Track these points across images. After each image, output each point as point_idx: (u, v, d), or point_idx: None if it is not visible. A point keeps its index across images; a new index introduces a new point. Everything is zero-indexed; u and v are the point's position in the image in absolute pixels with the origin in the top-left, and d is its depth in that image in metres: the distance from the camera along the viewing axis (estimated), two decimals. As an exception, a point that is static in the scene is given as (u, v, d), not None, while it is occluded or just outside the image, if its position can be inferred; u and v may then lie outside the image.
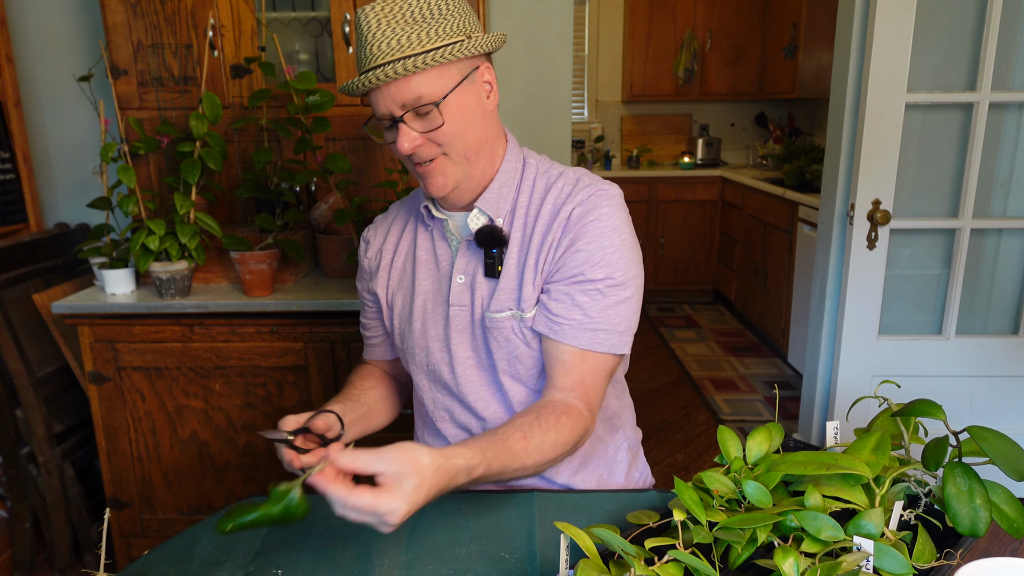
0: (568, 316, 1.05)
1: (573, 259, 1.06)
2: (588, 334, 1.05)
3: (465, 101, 1.04)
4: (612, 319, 1.06)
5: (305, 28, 2.28)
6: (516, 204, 1.12)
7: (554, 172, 1.13)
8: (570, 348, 1.05)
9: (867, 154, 2.18)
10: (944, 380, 2.35)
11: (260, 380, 1.94)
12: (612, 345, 1.06)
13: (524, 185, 1.13)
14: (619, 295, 1.06)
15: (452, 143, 1.04)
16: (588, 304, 1.05)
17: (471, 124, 1.05)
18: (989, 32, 2.09)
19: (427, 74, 0.99)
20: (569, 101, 2.40)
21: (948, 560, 0.76)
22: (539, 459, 0.96)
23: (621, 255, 1.06)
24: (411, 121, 1.02)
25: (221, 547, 0.96)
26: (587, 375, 1.06)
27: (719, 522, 0.76)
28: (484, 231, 1.09)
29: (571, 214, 1.07)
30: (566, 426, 0.99)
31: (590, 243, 1.05)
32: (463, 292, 1.12)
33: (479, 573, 0.89)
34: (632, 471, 1.26)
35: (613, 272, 1.05)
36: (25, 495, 2.15)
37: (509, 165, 1.12)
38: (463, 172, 1.07)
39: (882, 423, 0.92)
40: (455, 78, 1.02)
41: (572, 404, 1.03)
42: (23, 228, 2.35)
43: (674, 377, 3.78)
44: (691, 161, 5.04)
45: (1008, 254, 2.34)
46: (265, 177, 2.03)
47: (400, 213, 1.25)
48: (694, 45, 4.86)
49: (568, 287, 1.06)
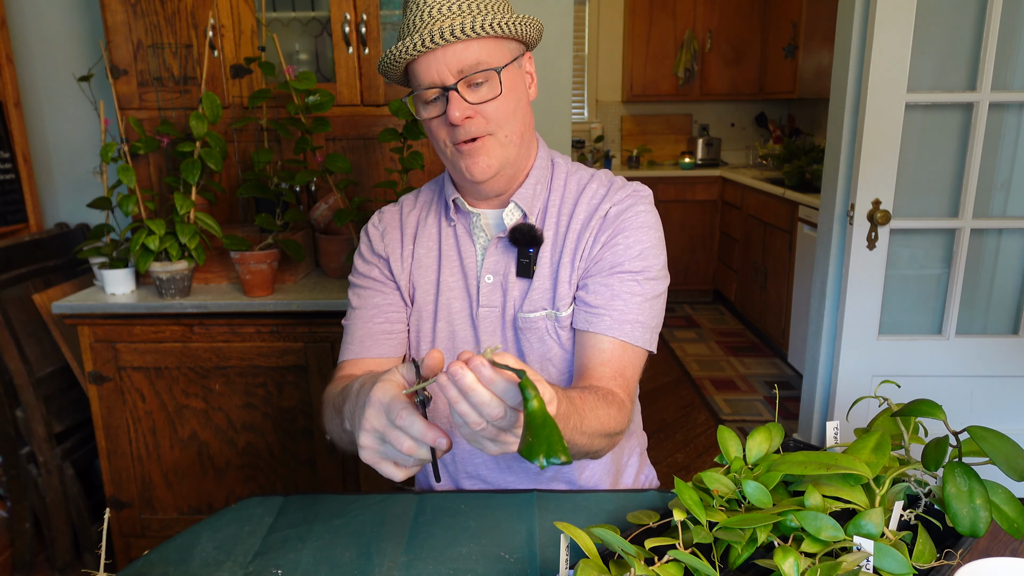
0: (609, 306, 1.04)
1: (611, 252, 1.05)
2: (628, 326, 1.03)
3: (516, 81, 1.03)
4: (648, 312, 1.05)
5: (305, 28, 2.28)
6: (548, 203, 1.11)
7: (584, 173, 1.13)
8: (610, 339, 1.03)
9: (867, 154, 2.18)
10: (944, 380, 2.35)
11: (260, 380, 1.94)
12: (647, 340, 1.05)
13: (555, 184, 1.12)
14: (655, 289, 1.06)
15: (503, 120, 1.01)
16: (628, 295, 1.04)
17: (521, 106, 1.04)
18: (989, 32, 2.09)
19: (486, 41, 0.98)
20: (569, 101, 2.40)
21: (948, 560, 0.76)
22: (594, 424, 0.88)
23: (656, 252, 1.07)
24: (463, 90, 0.98)
25: (221, 547, 0.96)
26: (627, 367, 1.03)
27: (719, 522, 0.76)
28: (521, 229, 1.07)
29: (608, 212, 1.07)
30: (613, 405, 0.95)
31: (628, 237, 1.05)
32: (493, 292, 1.10)
33: (479, 573, 0.89)
34: (640, 475, 1.26)
35: (650, 265, 1.05)
36: (25, 495, 2.15)
37: (541, 163, 1.12)
38: (508, 156, 1.04)
39: (882, 423, 0.92)
40: (508, 55, 1.01)
41: (615, 391, 0.99)
42: (23, 228, 2.35)
43: (674, 377, 3.78)
44: (691, 161, 5.04)
45: (1008, 254, 2.34)
46: (265, 177, 2.03)
47: (416, 205, 1.19)
48: (694, 45, 4.86)
49: (607, 278, 1.05)
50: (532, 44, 1.07)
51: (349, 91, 2.12)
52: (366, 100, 2.14)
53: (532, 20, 1.02)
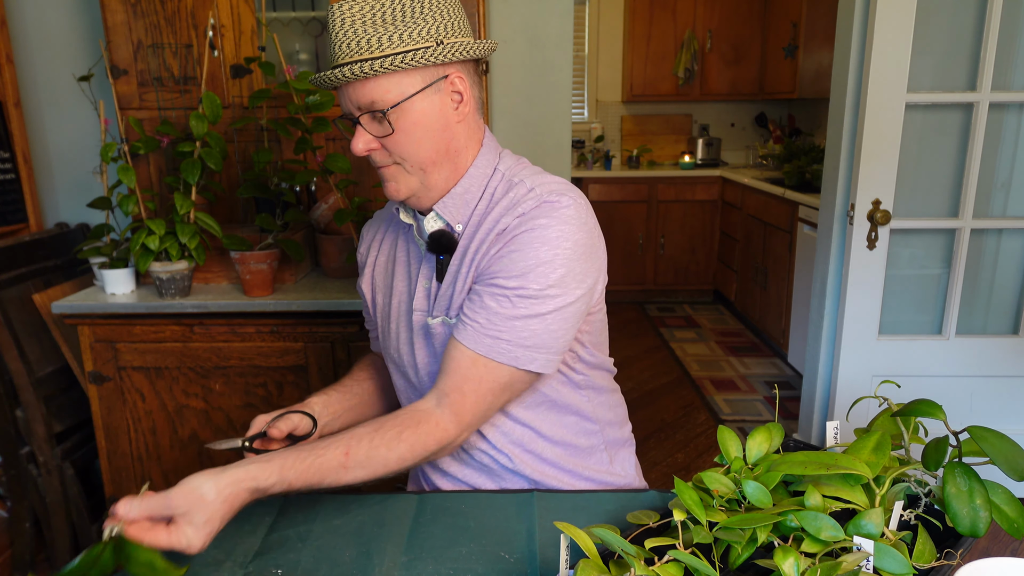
0: (472, 318, 1.03)
1: (497, 264, 1.03)
2: (487, 340, 1.01)
3: (424, 110, 1.01)
4: (517, 330, 1.01)
5: (305, 28, 2.28)
6: (475, 210, 1.09)
7: (516, 180, 1.07)
8: (464, 349, 1.02)
9: (867, 154, 2.18)
10: (944, 380, 2.35)
11: (260, 380, 1.94)
12: (515, 358, 1.01)
13: (487, 192, 1.09)
14: (530, 308, 1.00)
15: (404, 154, 1.02)
16: (495, 309, 1.01)
17: (428, 135, 1.02)
18: (989, 32, 2.09)
19: (382, 80, 0.98)
20: (569, 101, 2.40)
21: (948, 560, 0.76)
22: (361, 475, 0.97)
23: (546, 269, 1.00)
24: (367, 124, 1.01)
25: (221, 547, 0.96)
26: (469, 382, 1.02)
27: (719, 522, 0.76)
28: (434, 236, 1.09)
29: (509, 224, 1.03)
30: (407, 441, 0.99)
31: (515, 251, 1.01)
32: (423, 297, 1.13)
33: (479, 573, 0.89)
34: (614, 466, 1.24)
35: (528, 284, 1.00)
36: (25, 495, 2.15)
37: (477, 171, 1.09)
38: (418, 182, 1.05)
39: (882, 423, 0.92)
40: (414, 86, 0.99)
41: (432, 414, 1.02)
42: (23, 228, 2.35)
43: (674, 377, 3.78)
44: (691, 161, 5.04)
45: (1008, 254, 2.34)
46: (265, 177, 2.03)
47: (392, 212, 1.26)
48: (694, 45, 4.86)
49: (481, 288, 1.04)
50: (471, 59, 1.04)
51: (349, 91, 2.12)
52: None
53: (463, 46, 0.99)
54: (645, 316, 4.81)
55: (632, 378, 3.75)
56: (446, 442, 1.03)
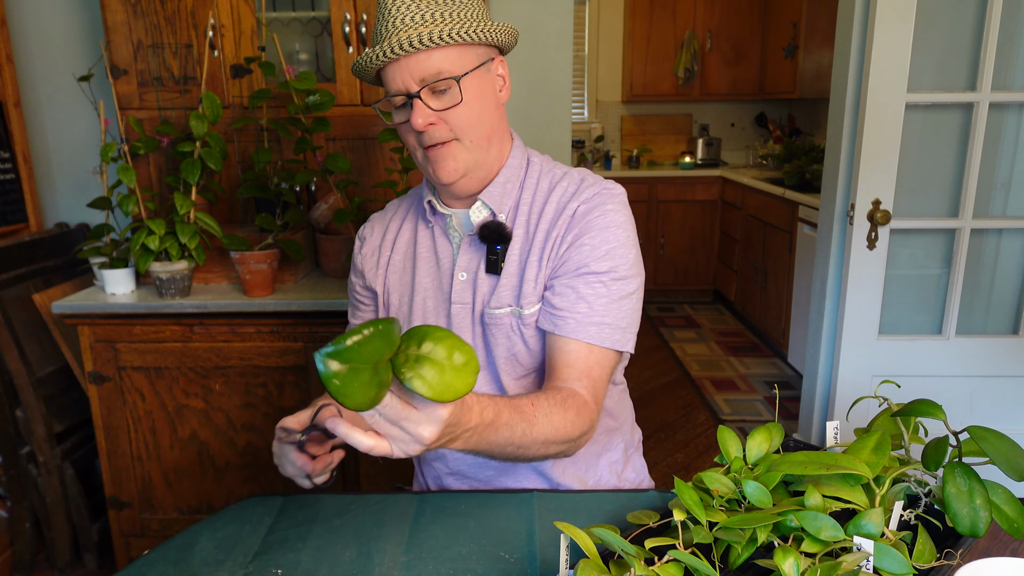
0: (572, 310, 1.05)
1: (578, 253, 1.06)
2: (593, 328, 1.04)
3: (482, 86, 1.04)
4: (616, 313, 1.05)
5: (305, 28, 2.28)
6: (520, 201, 1.12)
7: (558, 172, 1.13)
8: (575, 342, 1.04)
9: (867, 154, 2.18)
10: (944, 380, 2.35)
11: (260, 380, 1.94)
12: (616, 340, 1.06)
13: (528, 183, 1.13)
14: (623, 289, 1.06)
15: (466, 126, 1.04)
16: (592, 297, 1.05)
17: (486, 110, 1.05)
18: (989, 32, 2.09)
19: (449, 50, 1.00)
20: (569, 101, 2.40)
21: (948, 560, 0.76)
22: (547, 430, 0.91)
23: (625, 251, 1.06)
24: (427, 98, 1.01)
25: (221, 547, 0.96)
26: (594, 367, 1.05)
27: (719, 522, 0.76)
28: (489, 227, 1.09)
29: (576, 211, 1.07)
30: (572, 409, 0.96)
31: (594, 237, 1.05)
32: (465, 290, 1.12)
33: (479, 573, 0.89)
34: (627, 470, 1.26)
35: (617, 265, 1.05)
36: (25, 495, 2.15)
37: (514, 162, 1.13)
38: (474, 159, 1.07)
39: (882, 423, 0.92)
40: (474, 61, 1.02)
41: (579, 393, 1.01)
42: (23, 228, 2.35)
43: (674, 377, 3.78)
44: (691, 161, 5.04)
45: (1008, 254, 2.34)
46: (265, 177, 2.03)
47: (399, 210, 1.25)
48: (694, 45, 4.86)
49: (572, 280, 1.06)
50: (506, 48, 1.09)
51: (349, 91, 2.12)
52: (366, 100, 2.14)
53: (503, 27, 1.04)
54: (645, 316, 4.81)
55: (632, 378, 3.75)
56: (589, 427, 1.00)
